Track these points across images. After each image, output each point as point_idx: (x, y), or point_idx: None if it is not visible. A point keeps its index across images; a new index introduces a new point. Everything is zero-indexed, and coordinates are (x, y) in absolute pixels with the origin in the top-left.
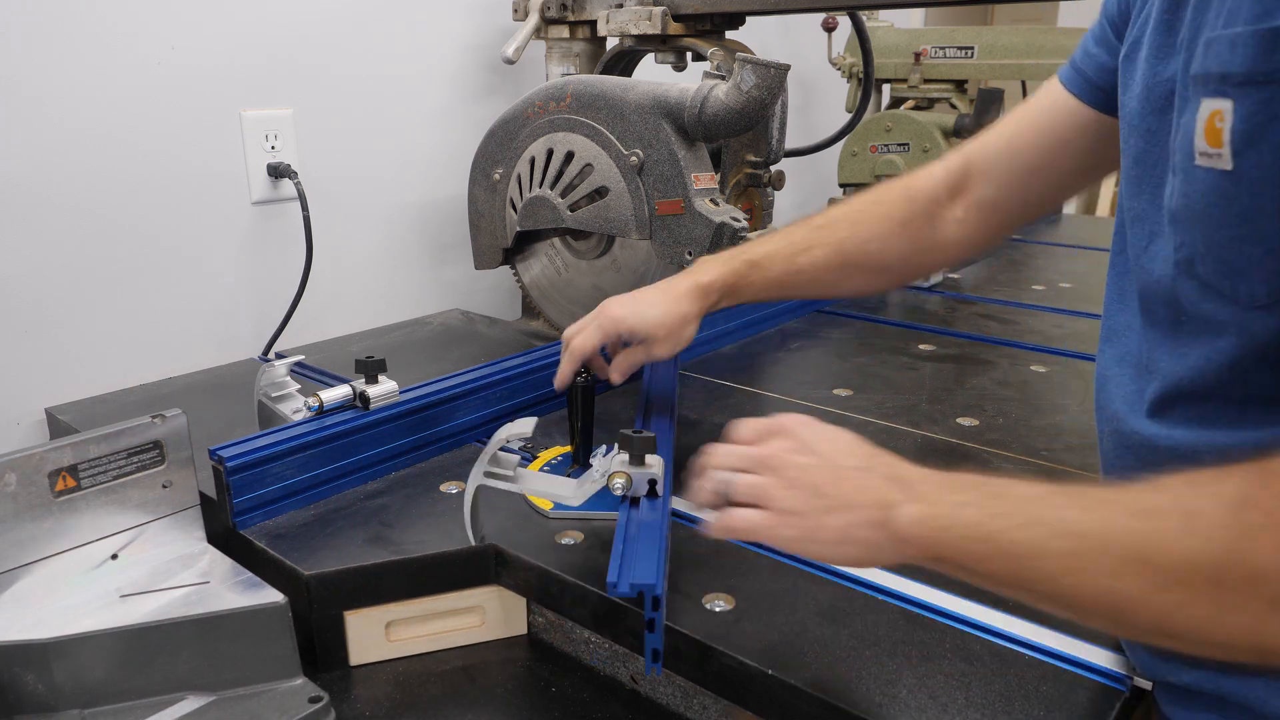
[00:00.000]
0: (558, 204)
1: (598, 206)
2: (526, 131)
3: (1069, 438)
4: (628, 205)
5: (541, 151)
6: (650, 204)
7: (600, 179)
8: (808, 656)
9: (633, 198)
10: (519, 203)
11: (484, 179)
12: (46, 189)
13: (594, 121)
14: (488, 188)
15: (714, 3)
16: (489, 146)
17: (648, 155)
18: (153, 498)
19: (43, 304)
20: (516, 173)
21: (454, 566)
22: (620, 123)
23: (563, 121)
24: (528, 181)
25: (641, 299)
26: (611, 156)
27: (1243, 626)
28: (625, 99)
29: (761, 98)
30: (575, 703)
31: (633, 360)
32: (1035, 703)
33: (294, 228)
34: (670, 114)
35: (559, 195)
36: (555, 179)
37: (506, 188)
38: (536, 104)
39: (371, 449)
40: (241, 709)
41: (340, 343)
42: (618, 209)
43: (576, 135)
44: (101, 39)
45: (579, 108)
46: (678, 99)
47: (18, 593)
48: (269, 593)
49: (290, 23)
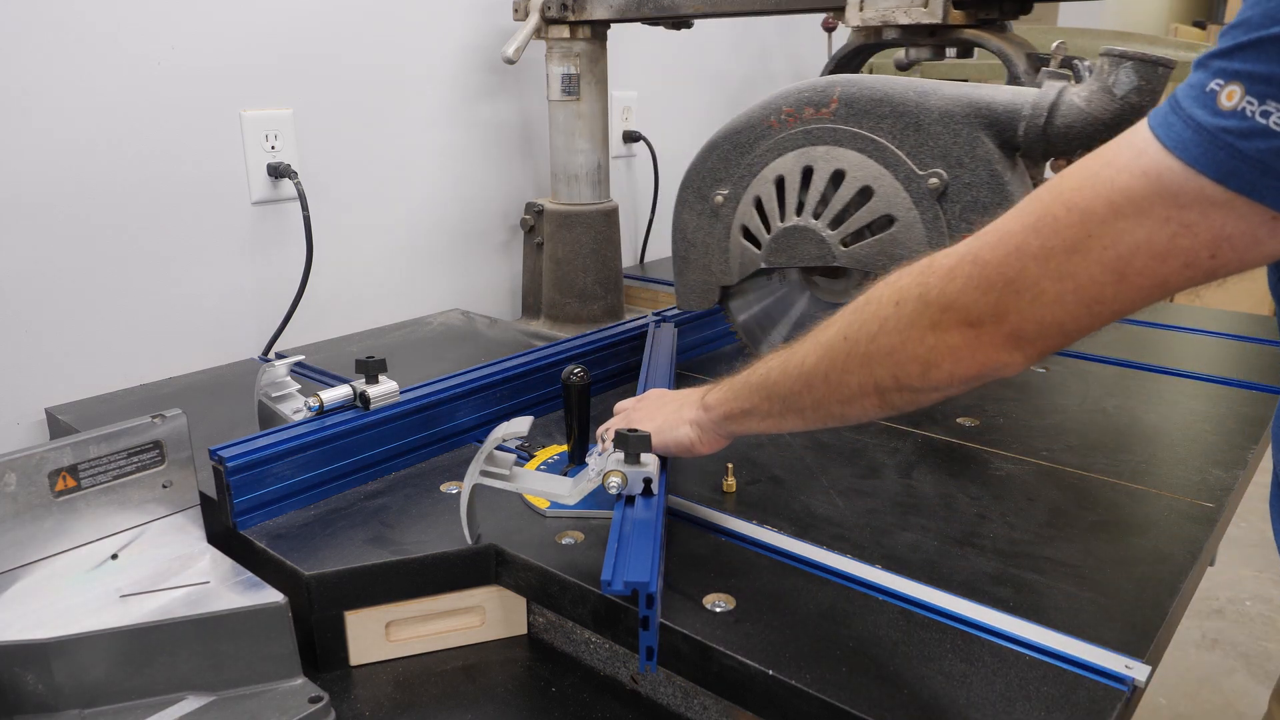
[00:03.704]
0: (826, 237)
1: (881, 240)
2: (768, 145)
3: (1069, 438)
4: (920, 238)
5: (795, 170)
6: (954, 238)
7: (884, 205)
8: (808, 656)
9: (928, 229)
10: (758, 232)
11: (699, 202)
12: (46, 189)
13: (873, 133)
14: (705, 213)
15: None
16: (709, 162)
17: (954, 176)
18: (153, 498)
19: (43, 304)
20: (755, 195)
21: (454, 566)
22: (915, 135)
23: (825, 133)
24: (775, 207)
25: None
26: (899, 177)
27: (899, 346)
28: (925, 105)
29: (1140, 104)
30: (575, 703)
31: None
32: (1035, 703)
33: (294, 228)
34: (994, 125)
35: (828, 226)
36: (818, 205)
37: (733, 214)
38: (785, 111)
39: (371, 449)
40: (241, 709)
41: (340, 343)
42: (907, 243)
43: (847, 150)
44: (102, 39)
45: (850, 115)
46: (1008, 105)
47: (18, 593)
48: (269, 593)
49: (290, 23)
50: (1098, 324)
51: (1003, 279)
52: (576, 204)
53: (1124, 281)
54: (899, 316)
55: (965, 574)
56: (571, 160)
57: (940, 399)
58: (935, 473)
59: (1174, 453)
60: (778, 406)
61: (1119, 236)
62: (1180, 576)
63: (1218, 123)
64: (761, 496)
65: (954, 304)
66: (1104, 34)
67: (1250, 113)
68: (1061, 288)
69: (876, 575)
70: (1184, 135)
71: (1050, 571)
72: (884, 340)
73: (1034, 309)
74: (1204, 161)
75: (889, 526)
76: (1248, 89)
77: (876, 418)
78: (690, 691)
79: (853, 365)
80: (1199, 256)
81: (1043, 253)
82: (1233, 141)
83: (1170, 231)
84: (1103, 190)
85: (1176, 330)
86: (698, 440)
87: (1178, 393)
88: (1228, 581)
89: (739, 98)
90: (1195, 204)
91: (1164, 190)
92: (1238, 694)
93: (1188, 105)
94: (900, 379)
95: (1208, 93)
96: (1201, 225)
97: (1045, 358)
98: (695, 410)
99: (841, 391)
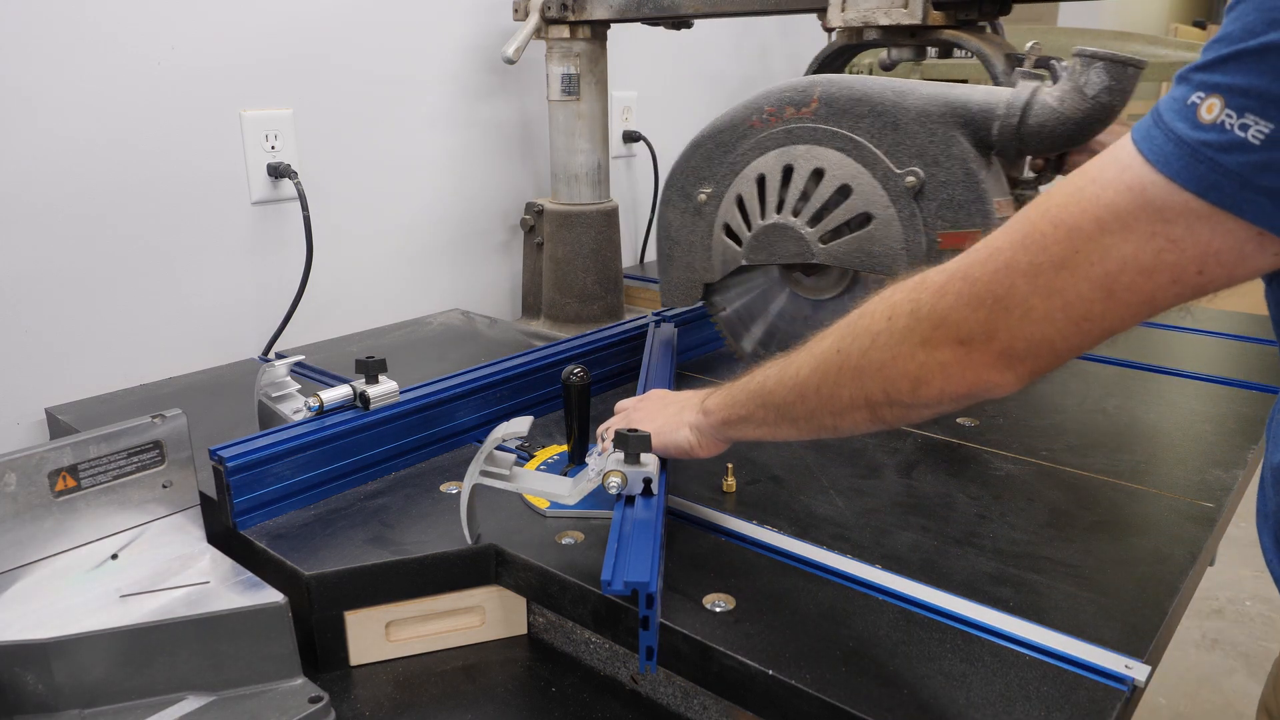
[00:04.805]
0: (805, 234)
1: (859, 238)
2: (750, 144)
3: (1069, 438)
4: (897, 236)
5: (775, 168)
6: (931, 235)
7: (862, 203)
8: (808, 656)
9: (905, 227)
10: (740, 230)
11: (683, 200)
12: (47, 189)
13: (852, 132)
14: (688, 211)
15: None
16: (692, 161)
17: (930, 175)
18: (153, 498)
19: (43, 304)
20: (737, 194)
21: (454, 566)
22: (892, 134)
23: (805, 132)
24: (756, 205)
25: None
26: (877, 176)
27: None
28: (902, 105)
29: (1111, 103)
30: (575, 703)
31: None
32: (1035, 703)
33: (294, 228)
34: (969, 124)
35: (806, 223)
36: (798, 203)
37: (715, 211)
38: (766, 110)
39: (371, 449)
40: (241, 709)
41: (340, 343)
42: (884, 241)
43: (826, 149)
44: (102, 39)
45: (830, 115)
46: (983, 104)
47: (18, 593)
48: (269, 593)
49: (290, 22)
50: (1088, 343)
51: (992, 296)
52: (576, 204)
53: (1112, 298)
54: (891, 331)
55: (965, 574)
56: (571, 160)
57: (931, 416)
58: (935, 473)
59: (1174, 453)
60: (773, 415)
61: (1106, 252)
62: (1180, 576)
63: (1198, 136)
64: (761, 496)
65: (945, 320)
66: (1103, 34)
67: (1229, 125)
68: (1050, 304)
69: (876, 575)
70: (1166, 149)
71: (1050, 571)
72: (876, 355)
73: (1023, 326)
74: (1185, 175)
75: (889, 526)
76: (1227, 101)
77: (868, 431)
78: (690, 691)
79: (845, 378)
80: (1186, 272)
81: (1031, 269)
82: (1213, 155)
83: (1156, 247)
84: (1089, 206)
85: (1176, 330)
86: (697, 444)
87: (1178, 393)
88: (1228, 581)
89: (739, 98)
90: (1180, 219)
91: (1149, 205)
92: (1238, 694)
93: (1169, 119)
94: (891, 394)
95: (1189, 105)
96: (1187, 240)
97: (1037, 378)
98: (695, 414)
99: (833, 404)
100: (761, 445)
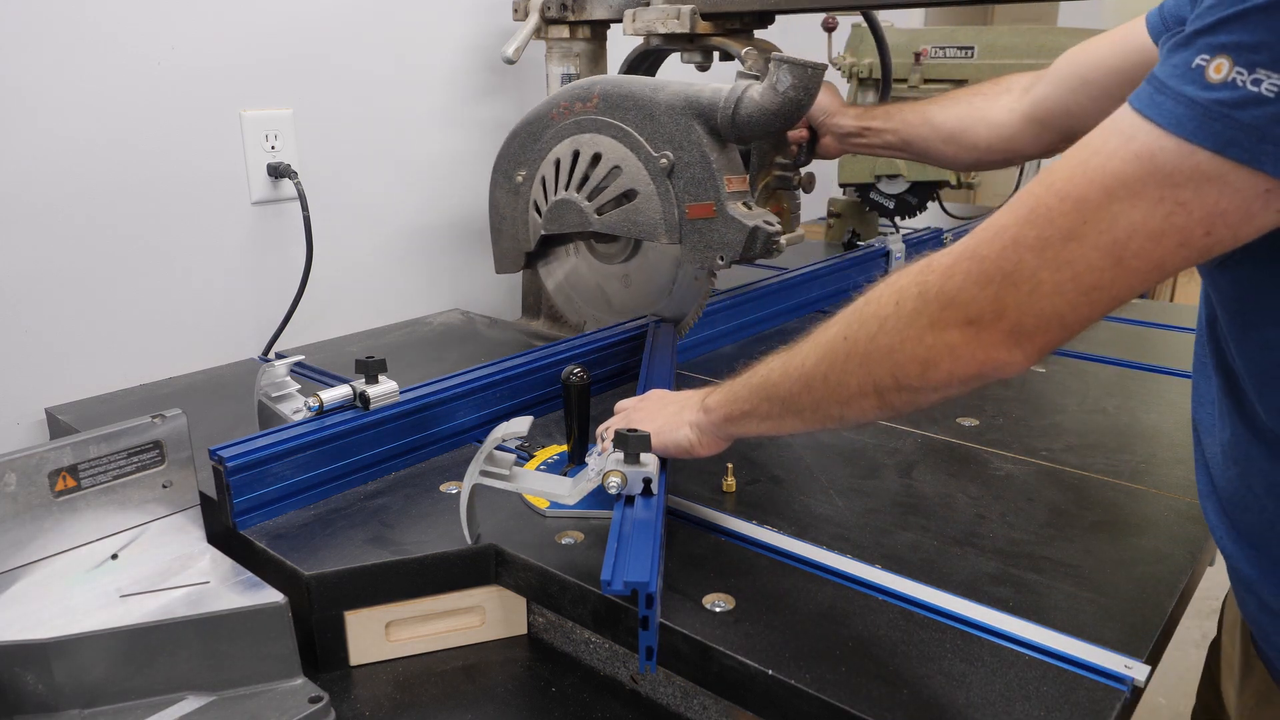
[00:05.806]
0: (584, 207)
1: (626, 210)
2: (551, 133)
3: (1069, 438)
4: (657, 209)
5: (567, 153)
6: (681, 207)
7: (629, 181)
8: (807, 656)
9: (662, 201)
10: (543, 206)
11: (506, 181)
12: (47, 189)
13: (622, 123)
14: (510, 190)
15: (744, 1)
16: (511, 148)
17: (678, 157)
18: (153, 498)
19: (43, 304)
20: (541, 175)
21: (454, 566)
22: (650, 124)
23: (589, 123)
24: (553, 184)
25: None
26: (640, 159)
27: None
28: (655, 99)
29: (798, 98)
30: (575, 703)
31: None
32: (1035, 703)
33: (294, 228)
34: (702, 115)
35: (586, 198)
36: (582, 181)
37: (530, 190)
38: (562, 104)
39: (371, 449)
40: (241, 709)
41: (340, 343)
42: (647, 212)
43: (604, 137)
44: (102, 40)
45: (607, 108)
46: (710, 100)
47: (18, 593)
48: (269, 593)
49: (290, 23)
50: (1096, 313)
51: (1000, 272)
52: None
53: (1121, 265)
54: (899, 315)
55: (965, 574)
56: None
57: (939, 400)
58: (935, 473)
59: (1174, 453)
60: (777, 408)
61: (1114, 220)
62: (1180, 576)
63: (1210, 96)
64: (761, 496)
65: (953, 300)
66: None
67: (1241, 82)
68: (1059, 277)
69: (876, 575)
70: (1177, 112)
71: (1050, 571)
72: (883, 339)
73: (1032, 301)
74: (1201, 134)
75: (889, 526)
76: (1236, 60)
77: (875, 419)
78: (690, 691)
79: (852, 365)
80: (1193, 235)
81: (1039, 243)
82: (1228, 112)
83: (1165, 211)
84: (1095, 176)
85: (1176, 330)
86: (697, 443)
87: (1178, 393)
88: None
89: None
90: (1189, 181)
91: (1157, 170)
92: None
93: (1175, 84)
94: (899, 379)
95: (1194, 69)
96: (1195, 202)
97: (1044, 356)
98: (695, 413)
99: (841, 392)
100: (761, 445)
